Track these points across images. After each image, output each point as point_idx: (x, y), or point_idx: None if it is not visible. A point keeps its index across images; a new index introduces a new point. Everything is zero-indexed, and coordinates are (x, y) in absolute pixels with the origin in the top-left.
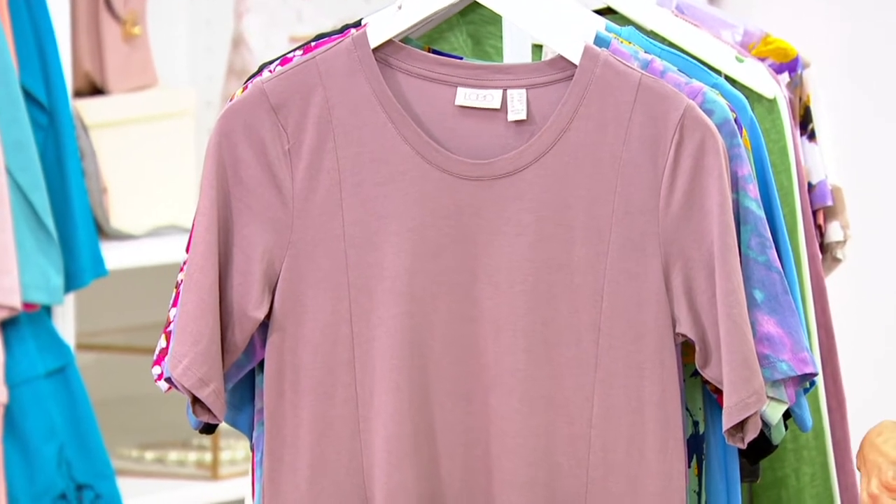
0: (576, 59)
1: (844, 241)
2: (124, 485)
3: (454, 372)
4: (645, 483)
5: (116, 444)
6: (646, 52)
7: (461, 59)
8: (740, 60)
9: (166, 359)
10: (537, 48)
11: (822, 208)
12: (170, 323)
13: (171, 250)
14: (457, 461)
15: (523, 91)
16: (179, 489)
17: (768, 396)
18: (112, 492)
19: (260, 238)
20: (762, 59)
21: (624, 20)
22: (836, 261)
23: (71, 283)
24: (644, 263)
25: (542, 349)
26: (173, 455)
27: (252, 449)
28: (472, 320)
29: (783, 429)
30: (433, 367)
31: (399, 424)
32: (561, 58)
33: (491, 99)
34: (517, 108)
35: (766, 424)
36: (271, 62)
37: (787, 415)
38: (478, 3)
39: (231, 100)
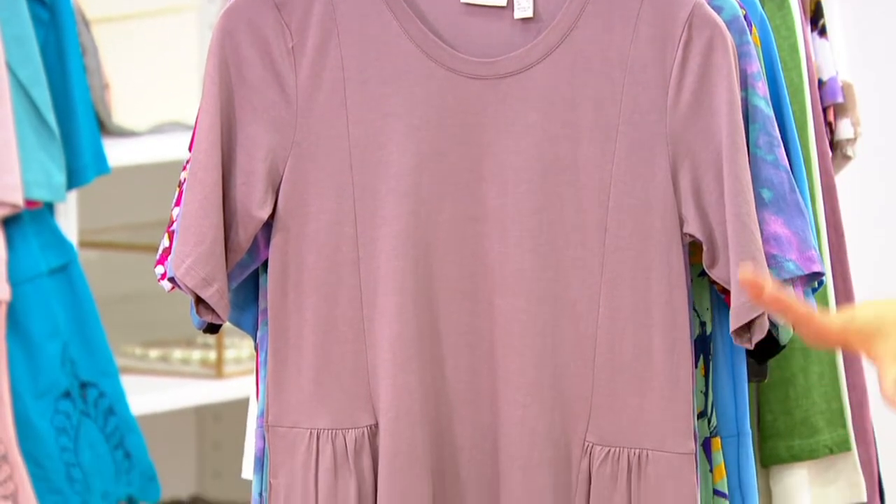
0: None
1: (855, 139)
2: (128, 383)
3: (459, 272)
4: (652, 384)
5: (120, 342)
6: None
7: None
8: None
9: (169, 258)
10: None
11: (832, 105)
12: (173, 222)
13: (175, 147)
14: (462, 362)
15: None
16: (184, 387)
17: None
18: (116, 390)
19: (263, 137)
20: None
21: None
22: (847, 158)
23: (73, 181)
24: (651, 163)
25: (547, 249)
26: (177, 353)
27: (256, 349)
28: (478, 220)
29: (791, 329)
30: (438, 267)
31: (403, 325)
32: None
33: None
34: (523, 5)
35: (773, 325)
36: None
37: None
38: None
39: None
